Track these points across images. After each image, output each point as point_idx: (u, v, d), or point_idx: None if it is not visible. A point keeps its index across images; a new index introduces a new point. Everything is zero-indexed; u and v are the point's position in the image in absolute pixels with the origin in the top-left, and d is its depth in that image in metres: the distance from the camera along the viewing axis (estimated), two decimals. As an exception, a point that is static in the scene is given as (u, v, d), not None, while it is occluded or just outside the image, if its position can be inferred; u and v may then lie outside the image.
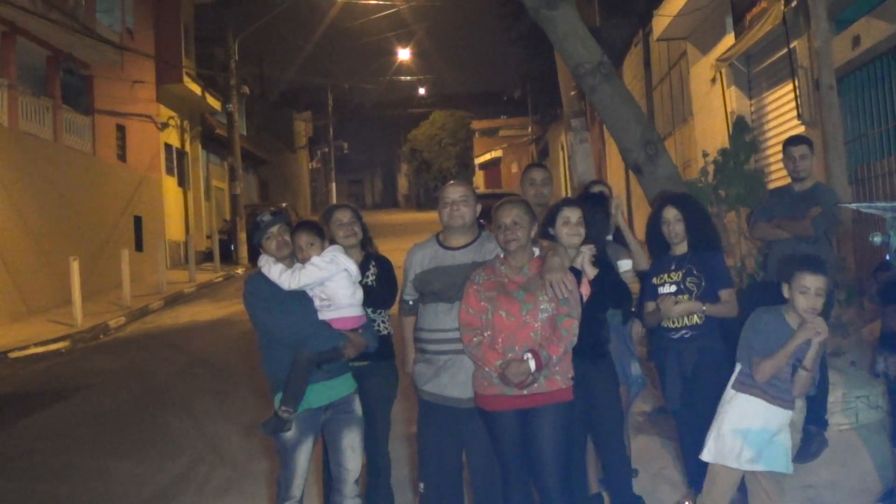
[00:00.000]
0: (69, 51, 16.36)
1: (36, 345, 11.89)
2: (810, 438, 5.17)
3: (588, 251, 4.16)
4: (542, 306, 3.85)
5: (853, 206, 5.43)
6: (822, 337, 3.73)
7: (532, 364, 3.77)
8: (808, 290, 3.74)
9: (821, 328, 3.73)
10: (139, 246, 19.38)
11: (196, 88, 23.05)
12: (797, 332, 3.76)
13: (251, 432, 6.58)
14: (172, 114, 22.44)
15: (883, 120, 8.05)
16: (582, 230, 4.24)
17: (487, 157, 48.05)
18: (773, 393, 3.82)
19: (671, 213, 4.54)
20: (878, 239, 3.57)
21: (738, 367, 3.97)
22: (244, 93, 26.63)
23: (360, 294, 4.30)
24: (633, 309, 4.67)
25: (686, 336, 4.43)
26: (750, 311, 4.13)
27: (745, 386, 3.87)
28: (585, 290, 4.03)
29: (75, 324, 13.02)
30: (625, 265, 4.77)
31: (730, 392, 3.91)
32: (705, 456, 3.94)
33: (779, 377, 3.81)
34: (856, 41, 8.06)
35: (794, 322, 3.82)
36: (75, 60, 16.77)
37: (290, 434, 4.05)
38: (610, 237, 4.93)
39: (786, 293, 3.86)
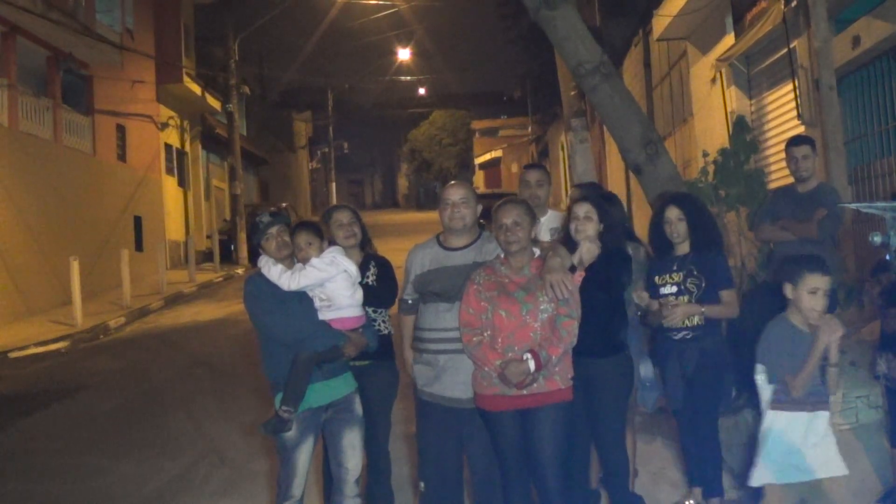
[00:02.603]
0: (69, 51, 16.34)
1: (36, 345, 11.89)
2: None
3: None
4: (542, 307, 3.85)
5: (853, 206, 5.42)
6: (839, 335, 3.66)
7: (531, 364, 3.77)
8: (817, 290, 3.67)
9: (837, 327, 3.67)
10: (139, 246, 19.38)
11: (196, 88, 23.04)
12: (818, 337, 3.66)
13: (251, 432, 6.58)
14: (172, 114, 22.43)
15: (883, 120, 8.05)
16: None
17: (487, 157, 48.09)
18: (812, 400, 3.74)
19: (673, 213, 4.56)
20: (878, 239, 3.56)
21: (763, 388, 3.84)
22: (244, 93, 26.63)
23: (359, 294, 4.31)
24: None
25: (687, 337, 4.49)
26: (751, 313, 4.13)
27: (784, 404, 3.77)
28: (578, 277, 4.00)
29: (75, 324, 13.01)
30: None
31: (769, 415, 3.79)
32: (756, 481, 3.80)
33: (812, 383, 3.74)
34: (856, 41, 8.06)
35: (799, 324, 3.75)
36: (75, 60, 16.74)
37: (290, 434, 4.05)
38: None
39: (788, 293, 3.77)
